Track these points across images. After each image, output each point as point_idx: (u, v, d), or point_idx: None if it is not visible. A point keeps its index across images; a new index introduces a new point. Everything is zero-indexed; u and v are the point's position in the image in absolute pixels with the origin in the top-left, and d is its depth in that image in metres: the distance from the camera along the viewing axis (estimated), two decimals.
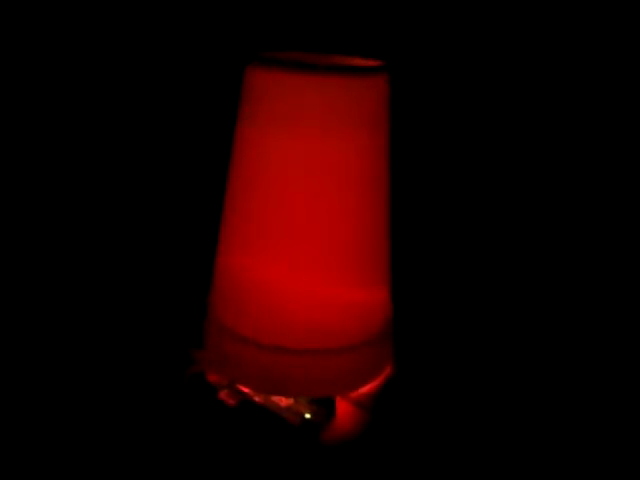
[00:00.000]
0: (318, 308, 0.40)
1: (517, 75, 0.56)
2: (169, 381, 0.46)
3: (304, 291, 0.40)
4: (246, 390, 0.44)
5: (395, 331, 0.53)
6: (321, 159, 0.38)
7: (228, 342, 0.43)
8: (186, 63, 0.63)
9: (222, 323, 0.43)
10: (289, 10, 0.59)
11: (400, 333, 0.53)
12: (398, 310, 0.57)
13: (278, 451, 0.40)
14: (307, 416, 0.42)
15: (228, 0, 0.60)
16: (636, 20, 0.49)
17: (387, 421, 0.43)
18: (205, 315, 0.46)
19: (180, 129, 0.65)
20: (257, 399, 0.43)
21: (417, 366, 0.49)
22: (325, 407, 0.43)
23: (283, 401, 0.43)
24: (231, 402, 0.43)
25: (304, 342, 0.41)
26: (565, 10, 0.53)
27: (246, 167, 0.41)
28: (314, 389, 0.42)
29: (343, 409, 0.44)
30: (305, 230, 0.39)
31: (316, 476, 0.38)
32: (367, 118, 0.39)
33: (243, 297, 0.41)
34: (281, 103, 0.37)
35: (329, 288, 0.40)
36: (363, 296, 0.42)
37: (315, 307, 0.40)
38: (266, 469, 0.38)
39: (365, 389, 0.45)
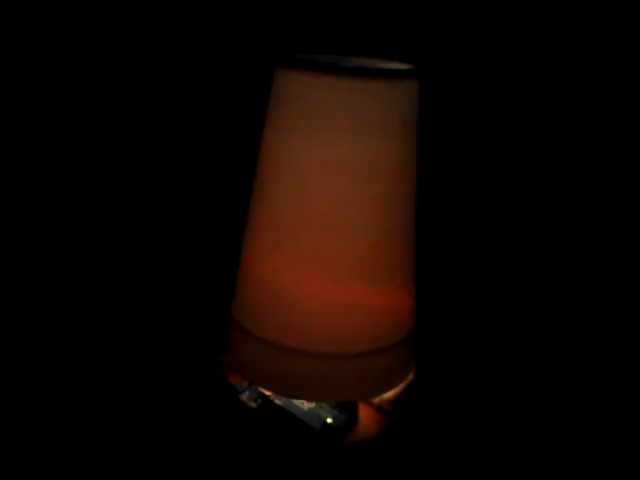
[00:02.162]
0: (342, 313, 0.40)
1: (527, 72, 0.56)
2: (191, 383, 0.46)
3: (329, 296, 0.39)
4: (267, 393, 0.44)
5: (417, 337, 0.53)
6: (351, 161, 0.38)
7: (251, 345, 0.42)
8: (216, 65, 0.63)
9: (245, 327, 0.43)
10: (312, 13, 0.59)
11: (422, 339, 0.53)
12: (420, 316, 0.56)
13: (298, 454, 0.40)
14: (328, 420, 0.42)
15: (256, 3, 0.60)
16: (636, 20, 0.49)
17: (408, 426, 0.43)
18: (229, 319, 0.46)
19: (207, 131, 0.65)
20: (278, 402, 0.43)
21: (439, 372, 0.49)
22: (347, 412, 0.42)
23: (305, 404, 0.43)
24: (252, 404, 0.43)
25: (327, 346, 0.40)
26: (588, 20, 0.52)
27: (274, 170, 0.40)
28: (335, 394, 0.42)
29: (365, 414, 0.43)
30: (333, 234, 0.39)
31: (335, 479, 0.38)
32: (398, 121, 0.38)
33: (267, 301, 0.41)
34: (311, 105, 0.37)
35: (356, 293, 0.40)
36: (388, 301, 0.42)
37: (339, 312, 0.40)
38: (285, 471, 0.38)
39: (387, 394, 0.45)
